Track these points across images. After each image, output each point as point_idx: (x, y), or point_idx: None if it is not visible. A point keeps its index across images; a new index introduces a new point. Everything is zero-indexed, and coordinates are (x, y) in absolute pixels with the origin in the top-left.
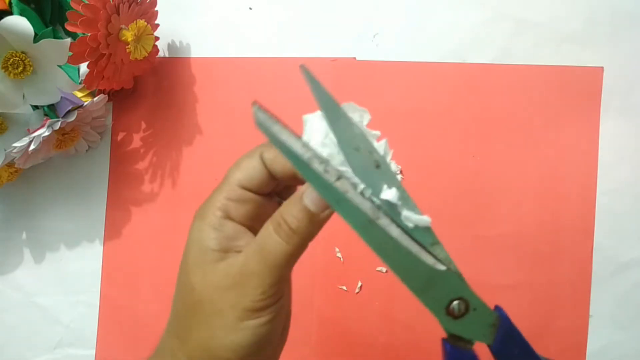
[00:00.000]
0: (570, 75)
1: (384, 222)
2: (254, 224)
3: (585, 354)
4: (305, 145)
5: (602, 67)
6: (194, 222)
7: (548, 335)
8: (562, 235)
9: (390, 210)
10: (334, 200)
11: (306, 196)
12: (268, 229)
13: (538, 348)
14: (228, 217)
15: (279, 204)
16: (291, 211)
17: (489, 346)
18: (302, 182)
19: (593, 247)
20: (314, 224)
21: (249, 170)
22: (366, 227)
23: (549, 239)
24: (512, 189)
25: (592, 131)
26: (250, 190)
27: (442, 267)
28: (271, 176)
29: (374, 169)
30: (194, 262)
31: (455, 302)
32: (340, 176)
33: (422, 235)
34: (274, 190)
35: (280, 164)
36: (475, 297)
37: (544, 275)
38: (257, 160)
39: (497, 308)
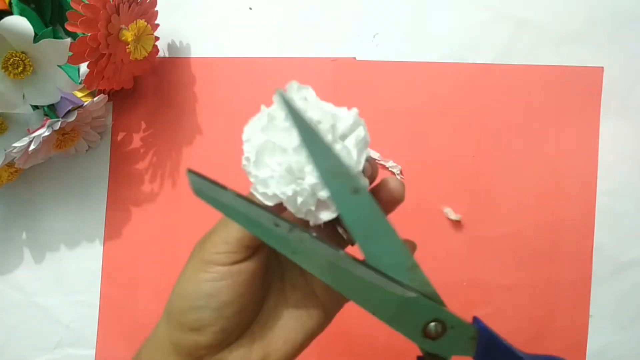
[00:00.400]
0: (570, 75)
1: (345, 262)
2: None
3: (585, 354)
4: (248, 205)
5: (602, 67)
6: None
7: (548, 335)
8: (562, 235)
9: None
10: (290, 252)
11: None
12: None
13: (538, 348)
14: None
15: None
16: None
17: (473, 358)
18: None
19: (593, 247)
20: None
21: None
22: (328, 271)
23: (549, 239)
24: (512, 189)
25: (592, 131)
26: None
27: (412, 294)
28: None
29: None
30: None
31: (432, 324)
32: (291, 228)
33: (399, 260)
34: None
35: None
36: (452, 315)
37: (544, 275)
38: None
39: (476, 320)
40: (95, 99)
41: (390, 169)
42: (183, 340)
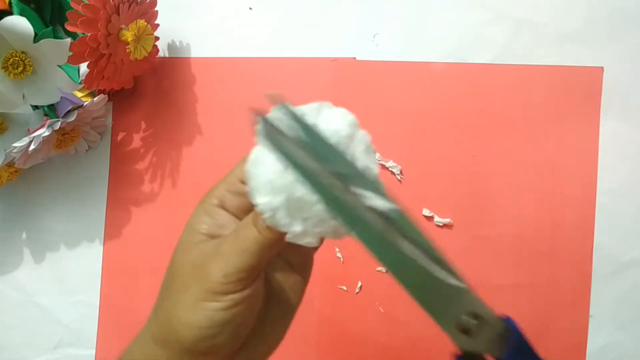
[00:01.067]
0: (570, 75)
1: (395, 236)
2: (245, 216)
3: (585, 354)
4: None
5: (602, 67)
6: (195, 207)
7: (548, 335)
8: (562, 235)
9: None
10: (348, 220)
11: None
12: (247, 219)
13: (538, 348)
14: (223, 206)
15: None
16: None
17: (497, 359)
18: None
19: (593, 247)
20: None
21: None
22: (377, 242)
23: (549, 239)
24: (512, 189)
25: (592, 131)
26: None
27: (455, 282)
28: None
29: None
30: (182, 241)
31: (467, 317)
32: (354, 194)
33: (429, 249)
34: None
35: None
36: (487, 309)
37: (544, 275)
38: None
39: (507, 319)
40: (95, 99)
41: (390, 169)
42: None
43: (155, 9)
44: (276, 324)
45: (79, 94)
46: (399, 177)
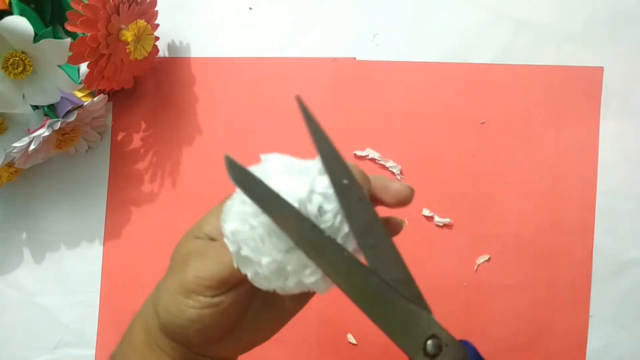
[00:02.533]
0: (570, 75)
1: (359, 268)
2: None
3: (585, 354)
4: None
5: (602, 67)
6: (214, 207)
7: (548, 335)
8: (562, 235)
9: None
10: (307, 247)
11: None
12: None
13: (538, 348)
14: None
15: None
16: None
17: None
18: None
19: (593, 247)
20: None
21: None
22: (341, 273)
23: (549, 239)
24: (512, 189)
25: (592, 131)
26: None
27: (414, 307)
28: None
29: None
30: (187, 233)
31: (430, 342)
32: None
33: (397, 272)
34: None
35: None
36: (447, 333)
37: (544, 275)
38: None
39: (465, 342)
40: (95, 99)
41: (390, 169)
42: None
43: (155, 9)
44: (263, 326)
45: (79, 94)
46: (399, 177)
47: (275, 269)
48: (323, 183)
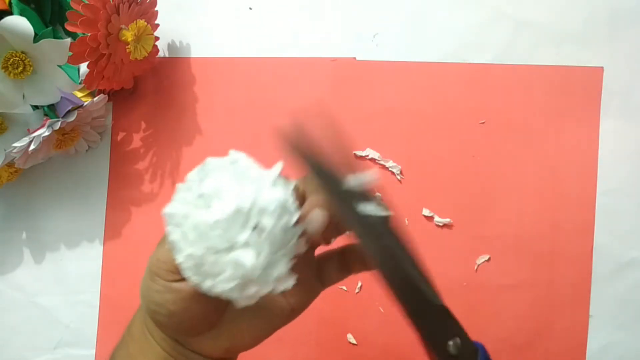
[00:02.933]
0: (570, 75)
1: (401, 255)
2: None
3: (585, 354)
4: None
5: (602, 67)
6: None
7: (548, 335)
8: (562, 235)
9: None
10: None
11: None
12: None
13: (538, 348)
14: None
15: None
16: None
17: None
18: None
19: (593, 247)
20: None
21: None
22: (382, 257)
23: (549, 239)
24: (512, 189)
25: (592, 131)
26: None
27: (442, 304)
28: None
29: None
30: None
31: (451, 342)
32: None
33: (416, 272)
34: None
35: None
36: (464, 333)
37: (544, 275)
38: None
39: (476, 343)
40: (95, 99)
41: (390, 169)
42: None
43: (155, 9)
44: (243, 330)
45: (79, 94)
46: (399, 177)
47: (192, 263)
48: (269, 196)
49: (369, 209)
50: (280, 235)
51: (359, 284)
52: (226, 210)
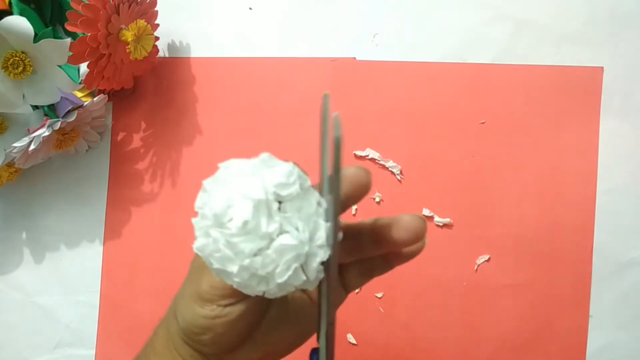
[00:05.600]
0: (570, 75)
1: None
2: None
3: (585, 354)
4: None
5: (602, 67)
6: None
7: (548, 335)
8: (562, 235)
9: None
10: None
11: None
12: None
13: (538, 348)
14: None
15: None
16: None
17: None
18: None
19: (593, 247)
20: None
21: None
22: None
23: (549, 239)
24: (512, 189)
25: (592, 131)
26: None
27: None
28: None
29: None
30: None
31: None
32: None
33: None
34: None
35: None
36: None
37: (544, 275)
38: None
39: (313, 351)
40: (95, 99)
41: (390, 169)
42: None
43: (155, 9)
44: (277, 339)
45: (79, 94)
46: (399, 177)
47: (248, 275)
48: (273, 174)
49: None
50: (304, 202)
51: None
52: (245, 212)
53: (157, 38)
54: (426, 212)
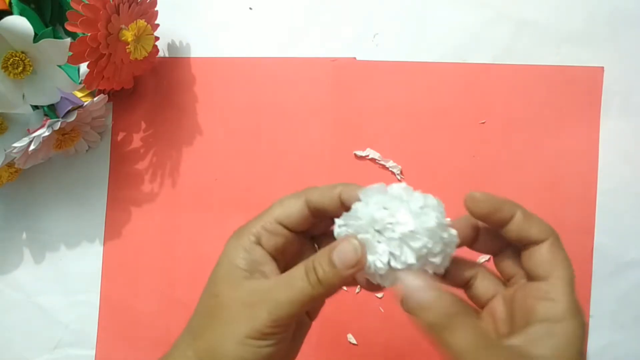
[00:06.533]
0: (570, 75)
1: None
2: (278, 256)
3: (585, 354)
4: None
5: (602, 67)
6: (229, 241)
7: None
8: (562, 235)
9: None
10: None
11: (335, 253)
12: (300, 270)
13: None
14: (259, 243)
15: (313, 247)
16: (321, 262)
17: None
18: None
19: (593, 247)
20: (338, 278)
21: (290, 208)
22: None
23: None
24: (512, 189)
25: (592, 131)
26: (284, 226)
27: None
28: (308, 218)
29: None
30: (223, 274)
31: None
32: None
33: None
34: (308, 231)
35: (324, 204)
36: None
37: None
38: (301, 202)
39: None
40: (95, 99)
41: (390, 169)
42: None
43: (155, 9)
44: (292, 347)
45: (79, 94)
46: (399, 177)
47: (426, 252)
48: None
49: None
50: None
51: None
52: (430, 222)
53: (157, 38)
54: None
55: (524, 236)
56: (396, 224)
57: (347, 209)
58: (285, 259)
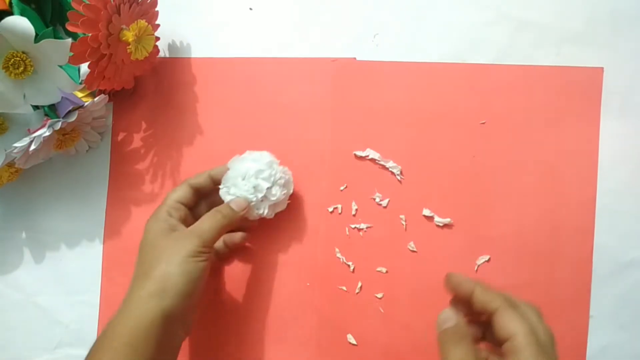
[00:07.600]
0: (570, 76)
1: None
2: (184, 223)
3: (585, 354)
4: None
5: (602, 67)
6: (148, 221)
7: None
8: (562, 235)
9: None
10: None
11: (232, 203)
12: (213, 212)
13: None
14: (171, 215)
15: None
16: (225, 208)
17: None
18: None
19: (593, 247)
20: (235, 215)
21: (181, 192)
22: None
23: (549, 239)
24: (512, 189)
25: (592, 131)
26: (182, 203)
27: None
28: (193, 195)
29: None
30: (154, 234)
31: None
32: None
33: None
34: (194, 203)
35: (200, 183)
36: None
37: (544, 275)
38: (186, 185)
39: None
40: (95, 99)
41: (390, 169)
42: None
43: (156, 9)
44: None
45: (80, 94)
46: (399, 177)
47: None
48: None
49: None
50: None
51: (359, 284)
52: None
53: (157, 38)
54: (426, 212)
55: (484, 308)
56: (249, 169)
57: (217, 183)
58: (188, 225)
